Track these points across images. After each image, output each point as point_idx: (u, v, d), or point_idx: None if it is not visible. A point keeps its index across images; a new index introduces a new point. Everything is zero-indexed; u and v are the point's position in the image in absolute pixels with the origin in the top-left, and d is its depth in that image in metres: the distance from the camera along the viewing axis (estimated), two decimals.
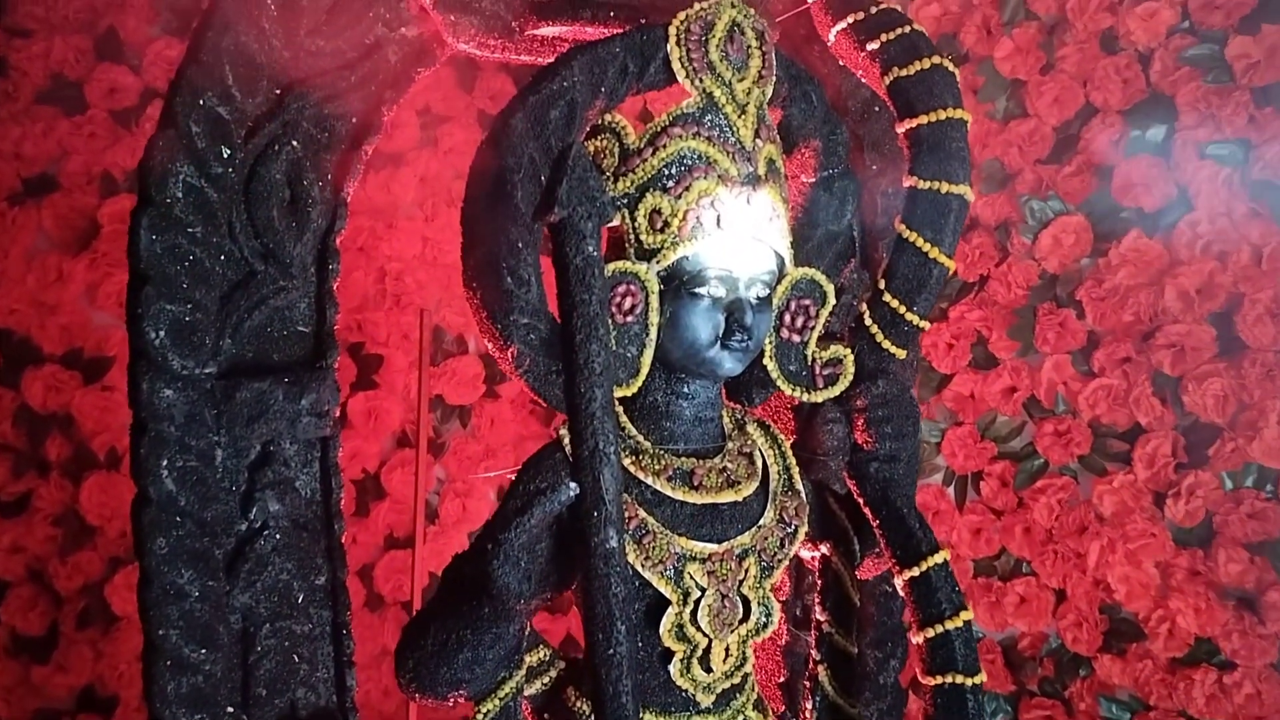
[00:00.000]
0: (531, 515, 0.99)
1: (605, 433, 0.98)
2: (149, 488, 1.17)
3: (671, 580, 1.18)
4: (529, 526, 0.99)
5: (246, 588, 1.25)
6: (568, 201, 1.02)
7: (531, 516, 0.99)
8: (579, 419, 0.99)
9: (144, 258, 1.15)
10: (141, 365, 1.16)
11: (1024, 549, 2.36)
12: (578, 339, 0.98)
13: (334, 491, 1.30)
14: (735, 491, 1.24)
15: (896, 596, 1.58)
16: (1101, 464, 2.30)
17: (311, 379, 1.26)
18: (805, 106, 1.29)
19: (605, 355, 0.99)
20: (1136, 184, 2.23)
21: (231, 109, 1.18)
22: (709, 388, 1.26)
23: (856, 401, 1.32)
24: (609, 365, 0.99)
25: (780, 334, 1.27)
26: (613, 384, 1.01)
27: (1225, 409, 2.16)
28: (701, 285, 1.17)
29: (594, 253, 1.01)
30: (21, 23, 2.35)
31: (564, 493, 0.99)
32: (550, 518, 1.00)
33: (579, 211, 1.03)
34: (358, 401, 2.50)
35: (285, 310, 1.27)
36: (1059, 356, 2.32)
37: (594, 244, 1.02)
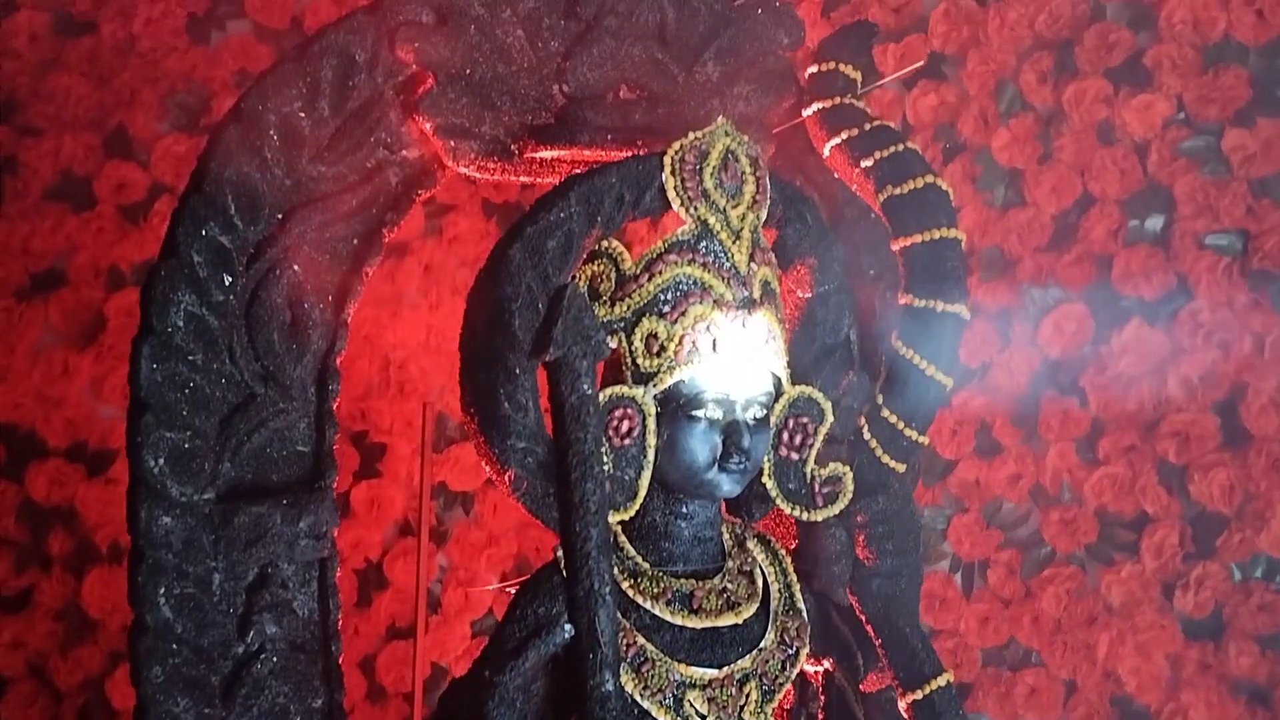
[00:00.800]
0: (526, 659, 0.99)
1: (600, 573, 0.98)
2: (146, 615, 1.17)
3: (671, 709, 1.17)
4: (524, 670, 0.99)
5: (243, 713, 1.24)
6: (563, 341, 1.04)
7: (526, 660, 0.99)
8: (574, 559, 0.99)
9: (144, 386, 1.16)
10: (140, 492, 1.17)
11: (1033, 639, 2.33)
12: (573, 477, 0.99)
13: (332, 612, 1.30)
14: (735, 614, 1.23)
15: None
16: (1109, 553, 2.28)
17: (310, 501, 1.27)
18: (800, 226, 1.30)
19: (600, 494, 1.00)
20: (1136, 273, 2.23)
21: (233, 237, 1.20)
22: (708, 507, 1.26)
23: (857, 518, 1.32)
24: (604, 504, 1.00)
25: (779, 452, 1.27)
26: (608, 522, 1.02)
27: (1232, 499, 2.14)
28: (698, 408, 1.17)
29: (589, 391, 1.02)
30: (33, 121, 2.39)
31: (559, 635, 0.99)
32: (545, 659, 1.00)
33: (574, 351, 1.04)
34: (360, 490, 2.50)
35: (285, 431, 1.27)
36: (1063, 444, 2.31)
37: (589, 382, 1.03)
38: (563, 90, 1.33)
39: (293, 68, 1.23)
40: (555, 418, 1.06)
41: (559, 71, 1.32)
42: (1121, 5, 2.28)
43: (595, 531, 0.99)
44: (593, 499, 0.99)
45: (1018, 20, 2.33)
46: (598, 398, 1.06)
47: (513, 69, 1.31)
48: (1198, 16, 2.17)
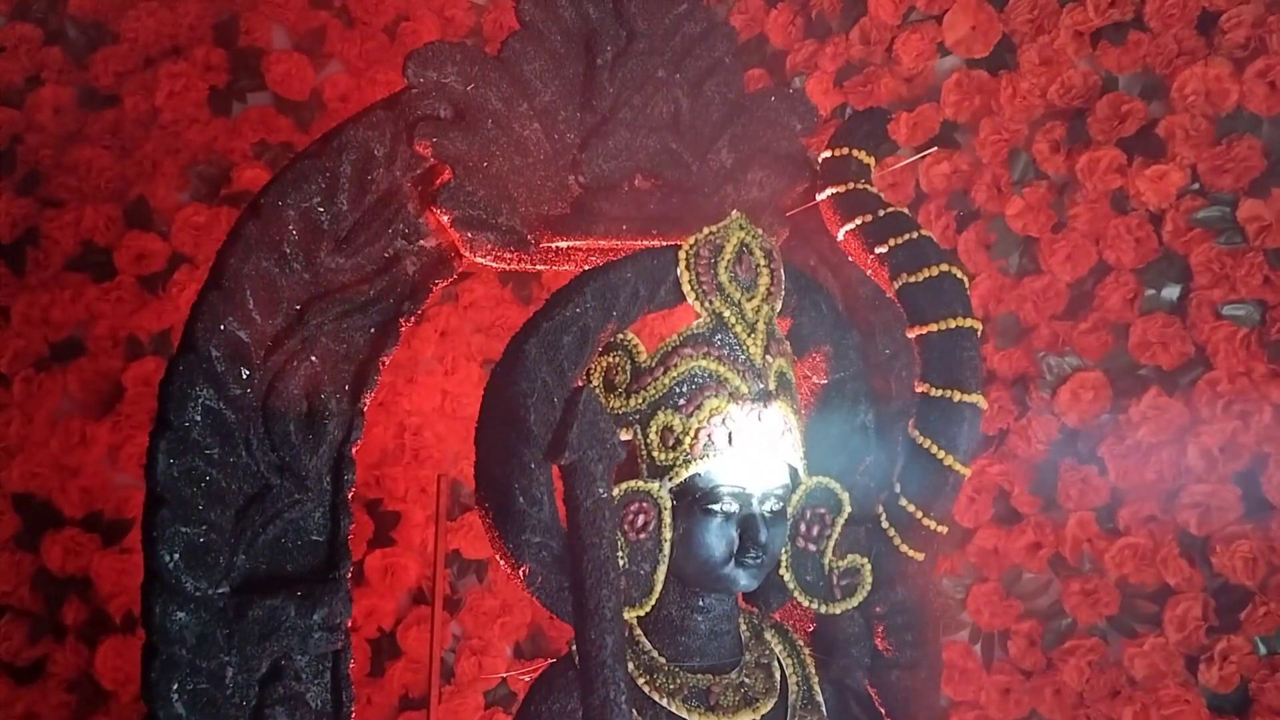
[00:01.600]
0: None
1: (616, 681, 0.97)
2: (159, 711, 1.16)
3: None
4: None
5: None
6: (578, 445, 1.04)
7: None
8: (589, 667, 0.98)
9: (161, 481, 1.16)
10: (155, 588, 1.17)
11: (1055, 712, 2.29)
12: (588, 583, 0.98)
13: (345, 705, 1.29)
14: (753, 710, 1.22)
15: None
16: (1131, 625, 2.25)
17: (324, 592, 1.26)
18: (815, 315, 1.30)
19: (616, 600, 0.99)
20: (1153, 342, 2.23)
21: (251, 331, 1.20)
22: (724, 600, 1.25)
23: (876, 609, 1.31)
24: (619, 611, 0.99)
25: (796, 543, 1.27)
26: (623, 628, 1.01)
27: (1255, 571, 2.11)
28: (715, 502, 1.17)
29: (604, 495, 1.02)
30: (55, 193, 2.42)
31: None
32: None
33: (589, 455, 1.04)
34: (374, 559, 2.49)
35: (300, 521, 1.27)
36: (1083, 513, 2.29)
37: (604, 487, 1.03)
38: (578, 181, 1.33)
39: (312, 163, 1.24)
40: (570, 521, 1.05)
41: (574, 163, 1.33)
42: (1133, 76, 2.29)
43: (610, 639, 0.98)
44: (608, 605, 0.99)
45: (1030, 90, 2.34)
46: (613, 502, 1.06)
47: (529, 161, 1.32)
48: (1210, 88, 2.18)
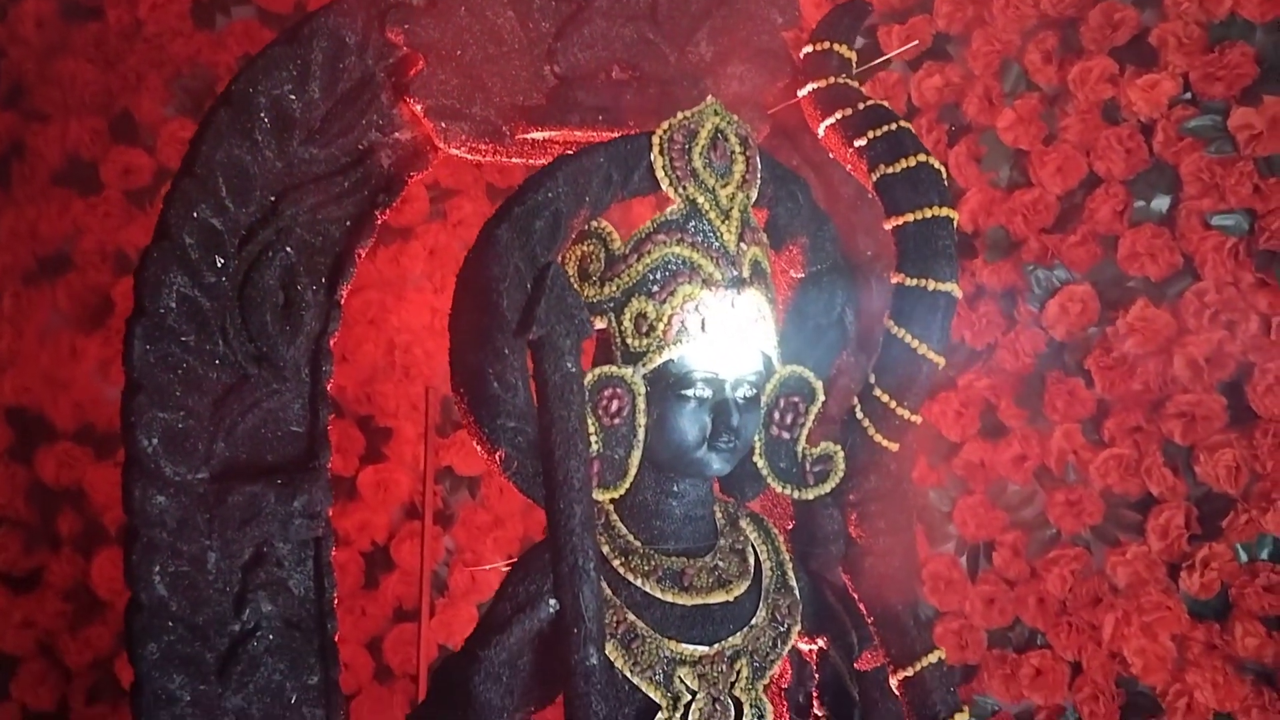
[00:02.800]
0: (511, 634, 1.00)
1: (585, 549, 0.98)
2: (140, 593, 1.19)
3: (661, 685, 1.18)
4: (509, 645, 1.00)
5: (239, 689, 1.25)
6: (546, 320, 1.04)
7: (511, 635, 1.00)
8: (558, 535, 0.99)
9: (137, 367, 1.18)
10: (135, 472, 1.18)
11: (1038, 620, 2.32)
12: (557, 455, 0.99)
13: (327, 591, 1.30)
14: (726, 591, 1.24)
15: None
16: (1114, 534, 2.27)
17: (304, 480, 1.27)
18: (791, 205, 1.30)
19: (584, 471, 1.00)
20: (1142, 253, 2.22)
21: (225, 219, 1.21)
22: (699, 486, 1.26)
23: (850, 497, 1.32)
24: (588, 481, 1.00)
25: (770, 431, 1.28)
26: (592, 499, 1.02)
27: (1238, 480, 2.13)
28: (688, 387, 1.18)
29: (573, 369, 1.03)
30: (39, 106, 2.41)
31: (543, 610, 0.99)
32: (531, 634, 1.01)
33: (557, 329, 1.05)
34: (367, 474, 2.51)
35: (278, 412, 1.28)
36: (1069, 425, 2.30)
37: (573, 361, 1.04)
38: (554, 71, 1.32)
39: (283, 50, 1.23)
40: (539, 396, 1.06)
41: (550, 52, 1.32)
42: None
43: (579, 509, 0.99)
44: (576, 476, 0.99)
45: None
46: (582, 376, 1.07)
47: (503, 50, 1.31)
48: None
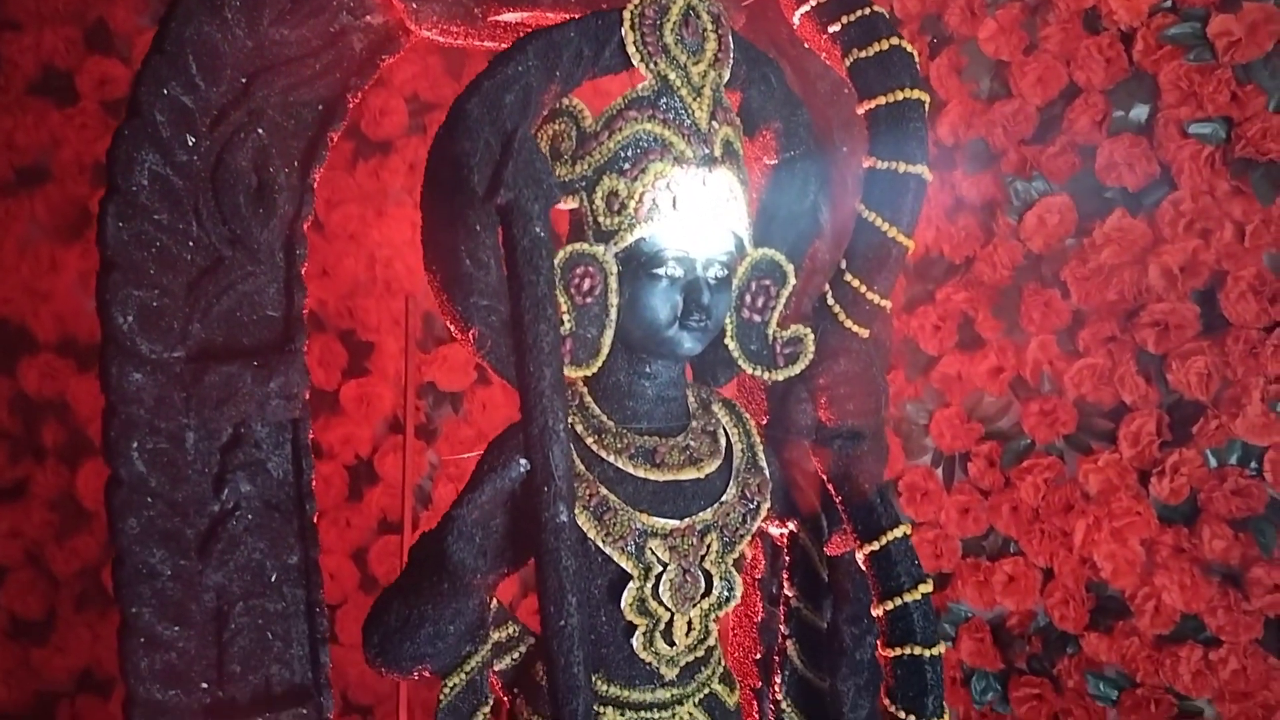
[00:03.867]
0: (483, 492, 1.01)
1: (554, 410, 1.00)
2: (120, 469, 1.20)
3: (633, 556, 1.20)
4: (481, 503, 1.01)
5: (219, 567, 1.28)
6: (514, 184, 1.04)
7: (483, 493, 1.01)
8: (528, 397, 1.00)
9: (111, 245, 1.18)
10: (111, 350, 1.19)
11: (1011, 528, 2.37)
12: (526, 319, 1.00)
13: (305, 472, 1.32)
14: (697, 469, 1.26)
15: None
16: (1087, 443, 2.31)
17: (280, 362, 1.29)
18: (764, 89, 1.30)
19: (553, 335, 1.01)
20: (1120, 163, 2.23)
21: (195, 98, 1.20)
22: (671, 367, 1.27)
23: (819, 380, 1.34)
24: (557, 345, 1.01)
25: (741, 314, 1.29)
26: (561, 363, 1.03)
27: (1209, 386, 2.16)
28: (659, 266, 1.18)
29: (541, 234, 1.03)
30: (12, 15, 2.38)
31: (514, 469, 1.01)
32: (503, 494, 1.02)
33: (525, 194, 1.04)
34: (350, 388, 2.53)
35: (254, 295, 1.29)
36: (1044, 336, 2.33)
37: (541, 225, 1.04)
38: None
39: None
40: (508, 262, 1.06)
41: None
42: None
43: (549, 371, 1.00)
44: (545, 339, 1.00)
45: None
46: (550, 242, 1.07)
47: None
48: None
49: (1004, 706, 2.43)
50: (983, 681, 2.44)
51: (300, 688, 1.34)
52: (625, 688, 1.25)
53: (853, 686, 1.59)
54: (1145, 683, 2.26)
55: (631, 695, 1.26)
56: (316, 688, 1.35)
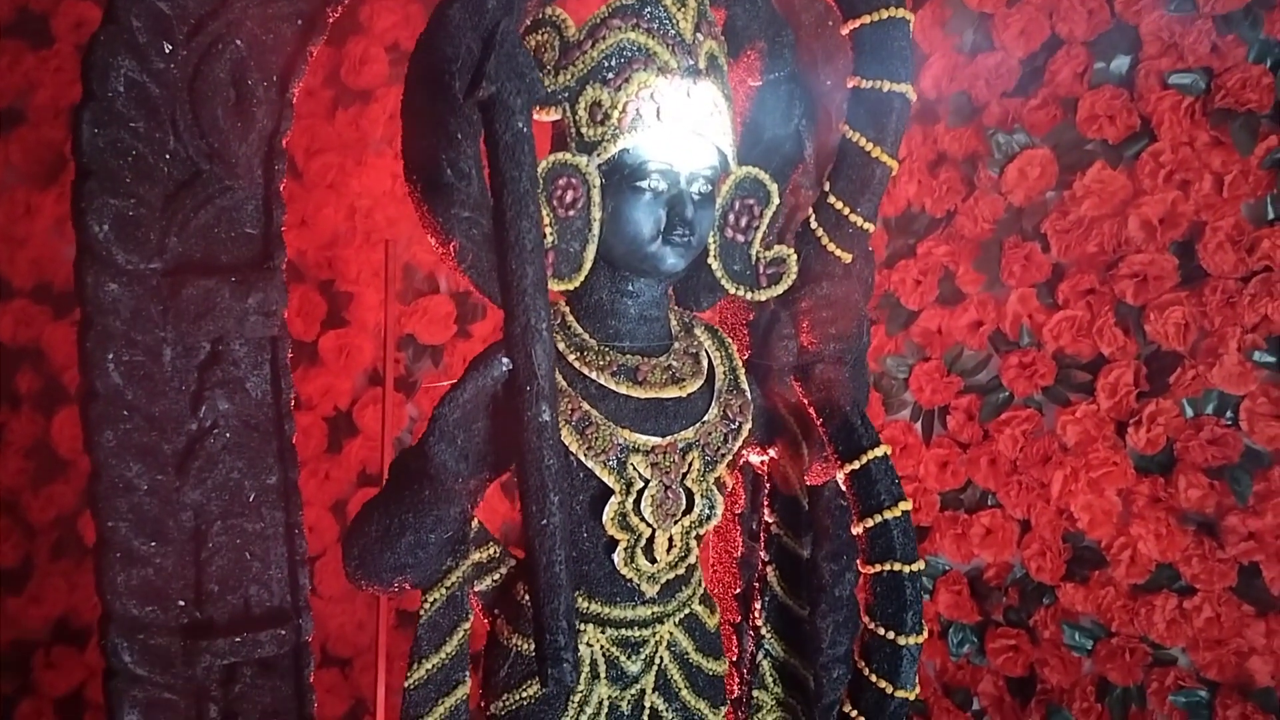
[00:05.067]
0: (464, 390, 1.00)
1: (536, 309, 0.99)
2: (95, 381, 1.19)
3: (614, 470, 1.20)
4: (462, 402, 1.00)
5: (197, 485, 1.27)
6: (496, 77, 1.02)
7: (464, 392, 1.00)
8: (510, 296, 1.00)
9: (86, 152, 1.16)
10: (86, 260, 1.18)
11: (989, 480, 2.38)
12: (508, 216, 0.99)
13: (284, 392, 1.31)
14: (679, 388, 1.26)
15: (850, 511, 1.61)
16: (1065, 395, 2.32)
17: (259, 278, 1.27)
18: (749, 6, 1.29)
19: (535, 233, 1.00)
20: (1100, 115, 2.23)
21: (172, 4, 1.19)
22: (654, 286, 1.27)
23: (801, 304, 1.34)
24: (539, 242, 1.00)
25: (725, 234, 1.28)
26: (544, 261, 1.02)
27: (1186, 337, 2.17)
28: (642, 179, 1.18)
29: (523, 129, 1.02)
30: None
31: (496, 368, 1.00)
32: (485, 395, 1.02)
33: (507, 88, 1.03)
34: (329, 339, 2.52)
35: (232, 211, 1.27)
36: (1024, 289, 2.34)
37: (523, 120, 1.03)
38: None
39: None
40: (491, 159, 1.05)
41: None
42: None
43: (531, 269, 0.99)
44: (528, 237, 0.99)
45: None
46: (533, 138, 1.06)
47: None
48: None
49: (980, 659, 2.45)
50: (960, 634, 2.46)
51: (279, 610, 1.34)
52: (606, 604, 1.25)
53: (832, 623, 1.60)
54: (1120, 632, 2.28)
55: (612, 612, 1.26)
56: (295, 610, 1.34)
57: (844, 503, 1.60)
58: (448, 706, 1.23)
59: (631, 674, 1.29)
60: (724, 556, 1.67)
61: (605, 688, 1.28)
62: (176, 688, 1.25)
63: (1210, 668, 2.20)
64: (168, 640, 1.24)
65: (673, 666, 1.31)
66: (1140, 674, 2.27)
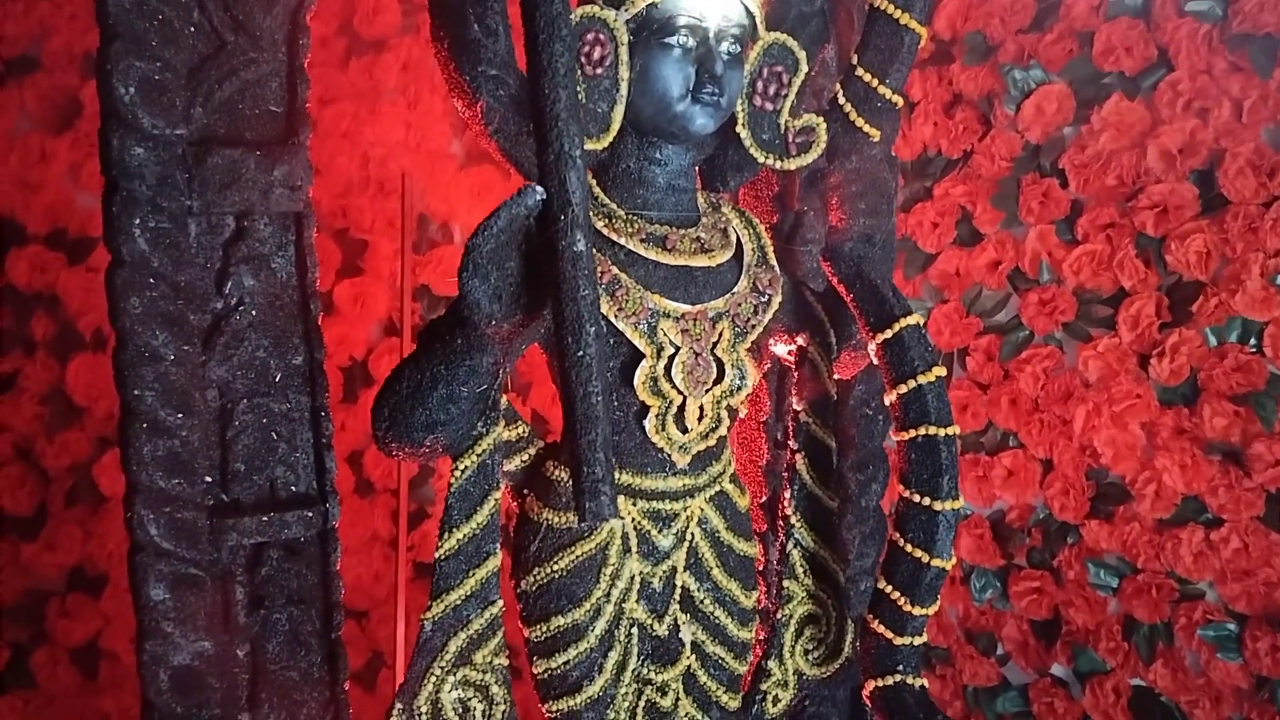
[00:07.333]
0: (498, 219, 0.99)
1: (570, 135, 0.97)
2: (121, 248, 1.18)
3: (645, 334, 1.19)
4: (496, 232, 0.99)
5: (223, 361, 1.26)
6: None
7: (498, 220, 0.99)
8: (543, 122, 0.98)
9: (113, 13, 1.16)
10: (112, 124, 1.17)
11: (1010, 420, 2.36)
12: (540, 38, 0.97)
13: (309, 272, 1.30)
14: (709, 257, 1.25)
15: (877, 419, 1.60)
16: (1086, 330, 2.30)
17: (284, 152, 1.26)
18: None
19: (569, 57, 0.98)
20: (1117, 47, 2.22)
21: None
22: (681, 154, 1.26)
23: (830, 179, 1.33)
24: (572, 67, 0.99)
25: (753, 102, 1.27)
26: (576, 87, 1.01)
27: (1208, 265, 2.16)
28: (671, 35, 1.17)
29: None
30: None
31: (530, 196, 0.98)
32: (519, 226, 1.00)
33: None
34: (344, 288, 2.51)
35: (256, 86, 1.26)
36: (1043, 226, 2.32)
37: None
38: None
39: None
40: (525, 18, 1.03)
41: None
42: None
43: (564, 94, 0.98)
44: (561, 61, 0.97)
45: None
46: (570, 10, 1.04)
47: None
48: None
49: (1004, 604, 2.42)
50: (982, 579, 2.43)
51: (305, 496, 1.32)
52: (638, 474, 1.24)
53: (858, 534, 1.59)
54: (1146, 568, 2.25)
55: (644, 483, 1.24)
56: (321, 494, 1.33)
57: (870, 411, 1.59)
58: (479, 579, 1.21)
59: (663, 549, 1.27)
60: (749, 466, 1.65)
61: (637, 563, 1.26)
62: (203, 564, 1.23)
63: (1239, 600, 2.17)
64: (194, 515, 1.22)
65: (704, 544, 1.30)
66: (1167, 610, 2.24)
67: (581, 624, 1.24)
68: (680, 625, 1.31)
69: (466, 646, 1.22)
